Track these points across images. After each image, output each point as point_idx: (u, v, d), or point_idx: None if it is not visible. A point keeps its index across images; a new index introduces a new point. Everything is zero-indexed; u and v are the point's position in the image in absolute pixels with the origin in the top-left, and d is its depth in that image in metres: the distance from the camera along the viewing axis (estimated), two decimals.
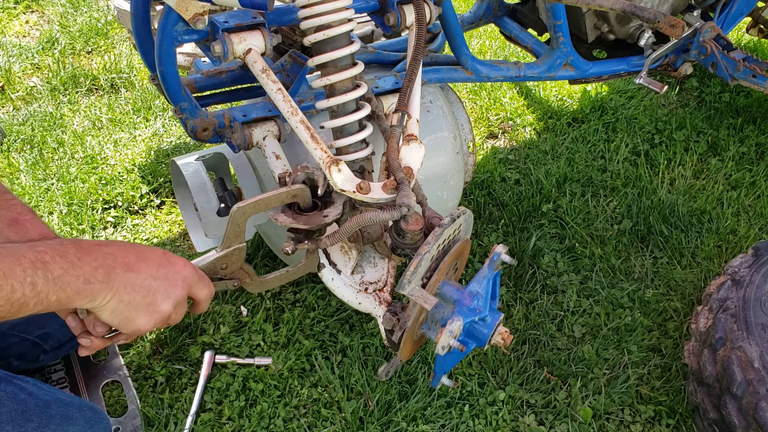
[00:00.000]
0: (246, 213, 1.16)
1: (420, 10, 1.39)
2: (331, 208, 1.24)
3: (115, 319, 1.00)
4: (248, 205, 1.16)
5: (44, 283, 0.88)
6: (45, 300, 0.89)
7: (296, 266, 1.32)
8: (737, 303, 1.51)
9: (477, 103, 2.62)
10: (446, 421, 1.60)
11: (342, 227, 1.20)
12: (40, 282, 0.88)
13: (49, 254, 0.91)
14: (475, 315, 1.14)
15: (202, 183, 1.62)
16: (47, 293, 0.89)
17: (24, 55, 2.79)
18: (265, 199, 1.18)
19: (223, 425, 1.58)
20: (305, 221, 1.22)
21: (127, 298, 0.98)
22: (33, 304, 0.88)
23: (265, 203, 1.18)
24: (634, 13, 1.73)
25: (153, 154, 2.33)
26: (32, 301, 0.88)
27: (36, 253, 0.90)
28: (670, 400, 1.65)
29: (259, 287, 1.29)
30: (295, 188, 1.21)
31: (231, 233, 1.16)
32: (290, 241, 1.24)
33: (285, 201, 1.21)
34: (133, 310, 1.00)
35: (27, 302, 0.88)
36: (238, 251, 1.18)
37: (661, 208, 2.12)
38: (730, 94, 2.61)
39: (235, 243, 1.17)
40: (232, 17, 1.30)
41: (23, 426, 1.16)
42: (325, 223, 1.22)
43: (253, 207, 1.17)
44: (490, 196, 2.19)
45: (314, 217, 1.23)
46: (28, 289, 0.87)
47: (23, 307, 0.88)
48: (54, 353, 1.61)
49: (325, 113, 1.38)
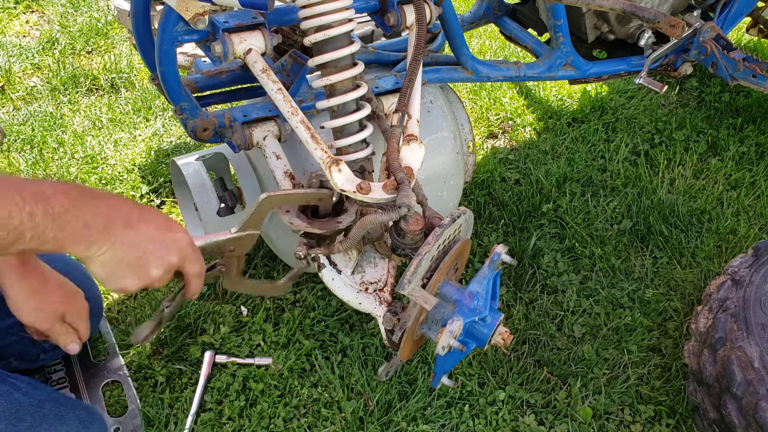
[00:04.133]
0: (273, 203, 1.17)
1: (420, 10, 1.39)
2: (345, 215, 1.25)
3: (104, 273, 0.98)
4: (277, 196, 1.17)
5: (43, 216, 0.86)
6: (42, 235, 0.87)
7: (275, 284, 1.32)
8: (737, 303, 1.51)
9: (477, 103, 2.62)
10: (446, 421, 1.60)
11: (350, 235, 1.22)
12: (39, 214, 0.86)
13: (51, 190, 0.89)
14: (475, 315, 1.14)
15: (202, 183, 1.62)
16: (45, 228, 0.87)
17: (24, 55, 2.79)
18: (294, 195, 1.21)
19: (223, 425, 1.58)
20: (320, 226, 1.23)
21: (120, 254, 0.96)
22: (30, 237, 0.86)
23: (294, 197, 1.21)
24: (634, 13, 1.73)
25: (153, 154, 2.33)
26: (29, 233, 0.86)
27: (38, 186, 0.88)
28: (670, 400, 1.65)
29: (235, 285, 1.25)
30: (323, 192, 1.23)
31: (252, 220, 1.16)
32: (303, 246, 1.26)
33: (311, 201, 1.23)
34: (124, 268, 0.98)
35: (24, 233, 0.85)
36: (251, 237, 1.18)
37: (661, 208, 2.12)
38: (730, 94, 2.61)
39: (252, 228, 1.17)
40: (232, 17, 1.30)
41: (16, 425, 1.16)
42: (338, 229, 1.23)
43: (282, 199, 1.18)
44: (490, 196, 2.19)
45: (328, 223, 1.24)
46: (26, 218, 0.85)
47: (19, 238, 0.86)
48: (53, 352, 1.60)
49: (326, 113, 1.38)
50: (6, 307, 1.48)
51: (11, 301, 1.20)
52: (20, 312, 1.21)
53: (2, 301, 1.47)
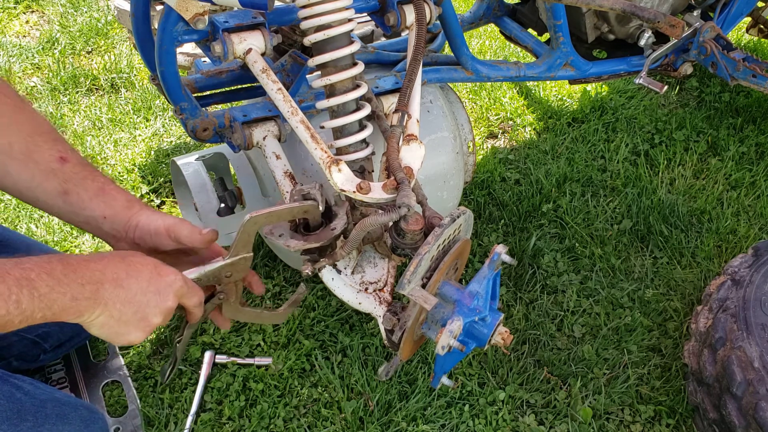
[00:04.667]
0: (258, 223, 1.15)
1: (420, 10, 1.39)
2: (337, 220, 1.24)
3: (105, 333, 0.99)
4: (261, 216, 1.15)
5: (29, 300, 0.87)
6: (30, 317, 0.88)
7: (276, 312, 1.31)
8: (737, 303, 1.51)
9: (477, 103, 2.62)
10: (446, 421, 1.60)
11: (350, 237, 1.21)
12: (25, 300, 0.87)
13: (35, 271, 0.90)
14: (475, 315, 1.14)
15: (202, 183, 1.62)
16: (32, 311, 0.88)
17: (24, 55, 2.79)
18: (278, 212, 1.18)
19: (223, 425, 1.58)
20: (316, 239, 1.22)
21: (117, 314, 0.97)
22: (18, 321, 0.87)
23: (277, 215, 1.18)
24: (634, 13, 1.73)
25: (153, 154, 2.33)
26: (17, 318, 0.87)
27: (21, 270, 0.89)
28: (670, 400, 1.65)
29: (235, 314, 1.25)
30: (307, 204, 1.21)
31: (240, 242, 1.15)
32: (307, 263, 1.25)
33: (297, 215, 1.21)
34: (123, 325, 0.99)
35: (12, 320, 0.87)
36: (245, 260, 1.17)
37: (661, 208, 2.12)
38: (730, 94, 2.61)
39: (243, 252, 1.16)
40: (232, 17, 1.30)
41: (18, 425, 1.16)
42: (334, 235, 1.22)
43: (266, 218, 1.16)
44: (490, 196, 2.19)
45: (323, 233, 1.23)
46: (12, 307, 0.86)
47: (8, 325, 0.87)
48: (54, 353, 1.61)
49: (325, 113, 1.38)
50: None
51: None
52: None
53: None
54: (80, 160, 1.13)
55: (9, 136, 1.07)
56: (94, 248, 1.99)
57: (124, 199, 1.14)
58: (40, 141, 1.09)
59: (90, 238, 2.03)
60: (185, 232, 1.14)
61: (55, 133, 1.13)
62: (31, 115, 1.12)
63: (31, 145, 1.08)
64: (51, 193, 1.10)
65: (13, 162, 1.08)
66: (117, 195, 1.13)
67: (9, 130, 1.07)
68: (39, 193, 1.10)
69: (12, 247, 1.50)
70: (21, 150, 1.07)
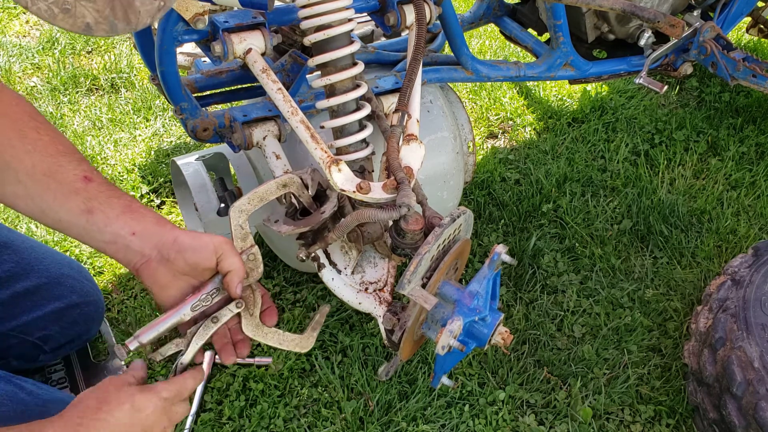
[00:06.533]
0: (244, 210, 1.15)
1: (420, 10, 1.39)
2: (327, 203, 1.24)
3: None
4: (243, 201, 1.14)
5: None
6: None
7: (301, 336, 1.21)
8: (737, 303, 1.51)
9: (477, 103, 2.62)
10: (446, 421, 1.60)
11: (342, 221, 1.21)
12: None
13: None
14: (475, 315, 1.14)
15: (202, 183, 1.62)
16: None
17: (24, 55, 2.79)
18: (258, 193, 1.17)
19: (223, 425, 1.58)
20: (305, 223, 1.23)
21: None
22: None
23: (258, 197, 1.17)
24: (634, 13, 1.73)
25: (153, 154, 2.33)
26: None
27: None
28: (670, 400, 1.65)
29: (256, 332, 1.15)
30: (284, 177, 1.20)
31: (238, 237, 1.14)
32: (301, 248, 1.25)
33: (277, 193, 1.20)
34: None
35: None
36: (253, 256, 1.15)
37: (661, 208, 2.12)
38: (730, 94, 2.61)
39: (246, 246, 1.15)
40: (232, 17, 1.30)
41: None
42: (324, 218, 1.22)
43: (248, 202, 1.15)
44: (490, 196, 2.19)
45: (313, 217, 1.24)
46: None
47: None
48: (53, 354, 1.61)
49: (325, 113, 1.38)
50: (6, 311, 1.49)
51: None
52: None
53: (2, 305, 1.48)
54: (104, 180, 1.11)
55: (33, 158, 1.06)
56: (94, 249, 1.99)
57: (153, 216, 1.12)
58: (63, 161, 1.08)
59: None
60: (230, 260, 1.10)
61: (78, 153, 1.12)
62: (54, 136, 1.10)
63: (54, 166, 1.07)
64: (74, 212, 1.07)
65: (36, 184, 1.06)
66: (145, 212, 1.11)
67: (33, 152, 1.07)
68: (62, 213, 1.07)
69: (12, 248, 1.50)
70: (44, 171, 1.06)
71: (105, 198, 1.08)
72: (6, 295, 1.47)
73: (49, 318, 1.53)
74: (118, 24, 0.82)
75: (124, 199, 1.10)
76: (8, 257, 1.49)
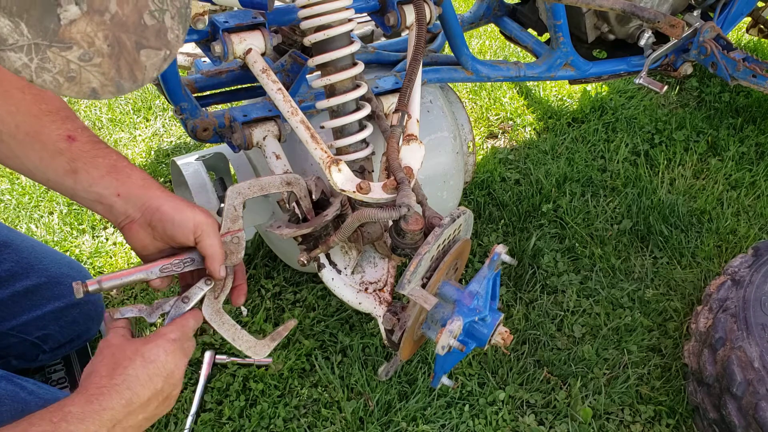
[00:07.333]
0: (241, 194, 1.14)
1: (420, 10, 1.39)
2: (330, 207, 1.25)
3: None
4: (243, 185, 1.14)
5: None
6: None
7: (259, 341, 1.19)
8: (737, 303, 1.51)
9: (477, 103, 2.62)
10: (446, 421, 1.60)
11: (344, 224, 1.21)
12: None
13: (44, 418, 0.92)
14: (475, 315, 1.14)
15: (202, 183, 1.62)
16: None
17: None
18: (260, 182, 1.17)
19: (223, 425, 1.58)
20: (307, 225, 1.23)
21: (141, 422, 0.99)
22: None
23: (259, 186, 1.17)
24: (634, 13, 1.73)
25: (153, 154, 2.33)
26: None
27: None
28: (670, 400, 1.65)
29: (212, 315, 1.13)
30: (289, 175, 1.20)
31: (229, 218, 1.13)
32: (303, 252, 1.25)
33: (279, 188, 1.21)
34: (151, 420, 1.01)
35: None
36: (237, 239, 1.13)
37: (661, 208, 2.12)
38: (730, 94, 2.61)
39: (233, 228, 1.13)
40: (232, 17, 1.30)
41: None
42: (326, 221, 1.22)
43: (248, 187, 1.15)
44: (490, 196, 2.19)
45: (315, 220, 1.24)
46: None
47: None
48: (53, 353, 1.61)
49: (325, 113, 1.38)
50: (6, 310, 1.49)
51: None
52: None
53: (2, 304, 1.48)
54: (91, 138, 1.09)
55: (16, 118, 1.05)
56: (94, 248, 1.99)
57: (140, 177, 1.10)
58: (47, 121, 1.06)
59: (90, 238, 2.03)
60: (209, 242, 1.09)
61: (65, 111, 1.09)
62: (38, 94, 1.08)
63: (37, 126, 1.06)
64: (59, 172, 1.06)
65: (20, 145, 1.05)
66: (131, 173, 1.09)
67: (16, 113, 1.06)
68: (49, 173, 1.07)
69: (12, 247, 1.50)
70: (27, 131, 1.05)
71: (89, 158, 1.07)
72: (6, 295, 1.47)
73: (49, 317, 1.53)
74: (124, 84, 0.81)
75: (110, 158, 1.09)
76: (8, 257, 1.49)
